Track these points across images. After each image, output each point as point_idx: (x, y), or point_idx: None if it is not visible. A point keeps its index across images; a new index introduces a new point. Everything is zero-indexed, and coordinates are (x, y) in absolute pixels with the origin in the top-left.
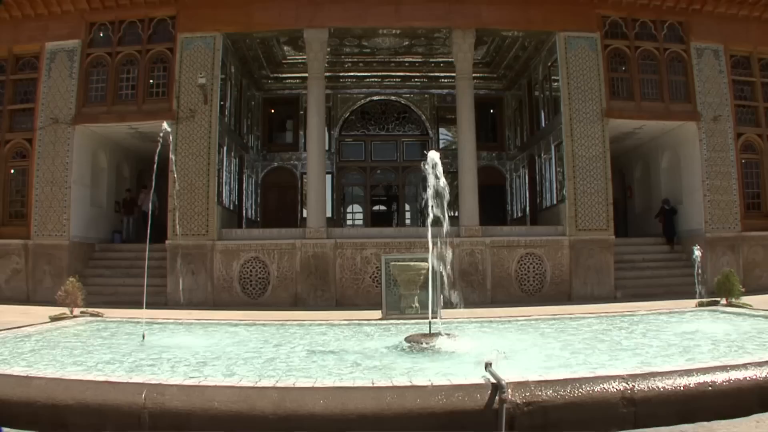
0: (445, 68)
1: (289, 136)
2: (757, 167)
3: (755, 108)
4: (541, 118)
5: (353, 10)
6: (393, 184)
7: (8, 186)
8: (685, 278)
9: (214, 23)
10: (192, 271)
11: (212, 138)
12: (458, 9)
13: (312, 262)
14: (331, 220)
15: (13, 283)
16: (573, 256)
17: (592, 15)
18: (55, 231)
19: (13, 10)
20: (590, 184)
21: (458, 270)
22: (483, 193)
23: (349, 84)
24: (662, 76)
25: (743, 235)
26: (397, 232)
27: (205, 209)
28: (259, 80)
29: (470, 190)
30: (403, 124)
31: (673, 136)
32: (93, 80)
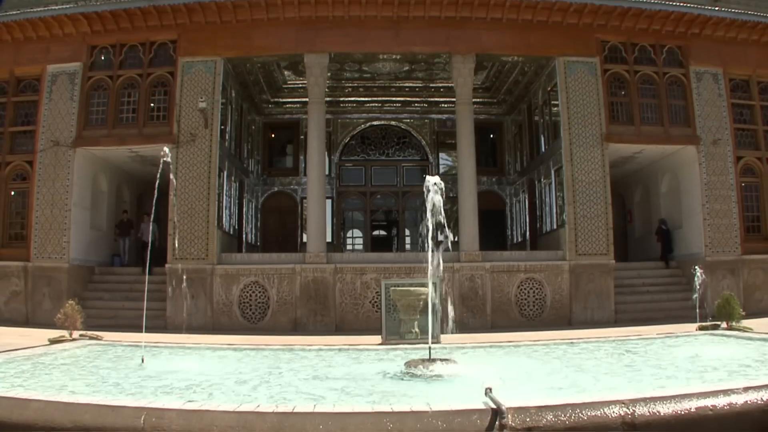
0: (445, 93)
1: (289, 161)
2: (757, 190)
3: (754, 131)
4: (541, 143)
5: (353, 35)
6: (393, 209)
7: (8, 208)
8: (685, 302)
9: (214, 47)
10: (192, 295)
11: (212, 162)
12: (458, 34)
13: (312, 287)
14: (331, 244)
15: (12, 305)
16: (573, 281)
17: (592, 40)
18: (55, 253)
19: (15, 32)
20: (590, 209)
21: (458, 295)
22: (483, 218)
23: (349, 109)
24: (662, 101)
25: (743, 258)
26: (397, 257)
27: (205, 233)
28: (260, 104)
29: (470, 214)
30: (403, 149)
31: (673, 160)
32: (94, 103)
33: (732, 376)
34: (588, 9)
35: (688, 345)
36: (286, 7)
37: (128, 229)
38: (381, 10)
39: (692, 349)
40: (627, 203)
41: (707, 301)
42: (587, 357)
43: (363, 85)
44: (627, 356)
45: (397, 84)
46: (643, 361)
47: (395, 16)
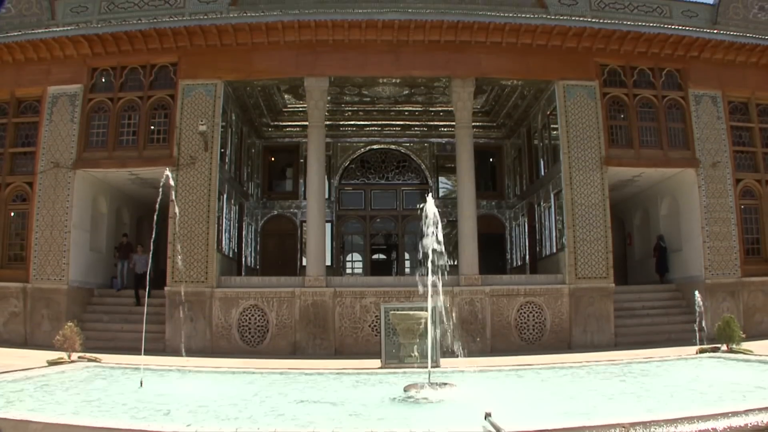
0: (445, 117)
1: (289, 184)
2: (757, 212)
3: (753, 153)
4: (541, 167)
5: (353, 59)
6: (393, 232)
7: (8, 229)
8: (685, 325)
9: (215, 70)
10: (191, 318)
11: (212, 185)
12: (458, 58)
13: (311, 311)
14: (330, 268)
15: (10, 326)
16: (573, 305)
17: (591, 63)
18: (54, 275)
19: (16, 53)
20: (590, 232)
21: (458, 319)
22: (482, 242)
23: (349, 132)
24: (661, 124)
25: (743, 280)
26: (397, 281)
27: (205, 256)
28: (260, 128)
29: (470, 238)
30: (403, 173)
31: (672, 183)
32: (94, 125)
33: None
34: (587, 33)
35: (688, 368)
36: (287, 30)
37: (128, 252)
38: (381, 34)
39: (692, 372)
40: (626, 226)
41: (707, 324)
42: (587, 380)
43: (363, 108)
44: (627, 380)
45: (397, 108)
46: (642, 384)
47: (395, 40)
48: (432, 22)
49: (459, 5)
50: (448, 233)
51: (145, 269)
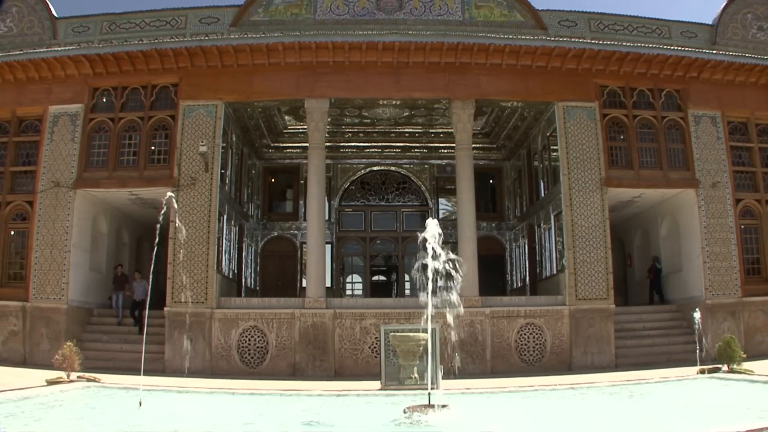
0: (445, 139)
1: (289, 206)
2: (757, 232)
3: (753, 173)
4: (541, 188)
5: (354, 81)
6: (393, 254)
7: (8, 247)
8: (686, 345)
9: (215, 91)
10: (190, 338)
11: (212, 206)
12: (458, 80)
13: (311, 332)
14: (330, 289)
15: (9, 344)
16: (573, 326)
17: (591, 85)
18: (54, 294)
19: (18, 72)
20: (590, 254)
21: (458, 340)
22: (482, 263)
23: (349, 154)
24: (660, 144)
25: (744, 300)
26: (397, 302)
27: (205, 277)
28: (260, 149)
29: (470, 260)
30: (403, 195)
31: (672, 204)
32: (95, 145)
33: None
34: (587, 54)
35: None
36: (287, 52)
37: (123, 283)
38: (381, 56)
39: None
40: (627, 247)
41: (708, 344)
42: (588, 402)
43: (363, 130)
44: (627, 401)
45: (397, 129)
46: (644, 406)
47: (395, 62)
48: (432, 44)
49: (459, 27)
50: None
51: (143, 296)
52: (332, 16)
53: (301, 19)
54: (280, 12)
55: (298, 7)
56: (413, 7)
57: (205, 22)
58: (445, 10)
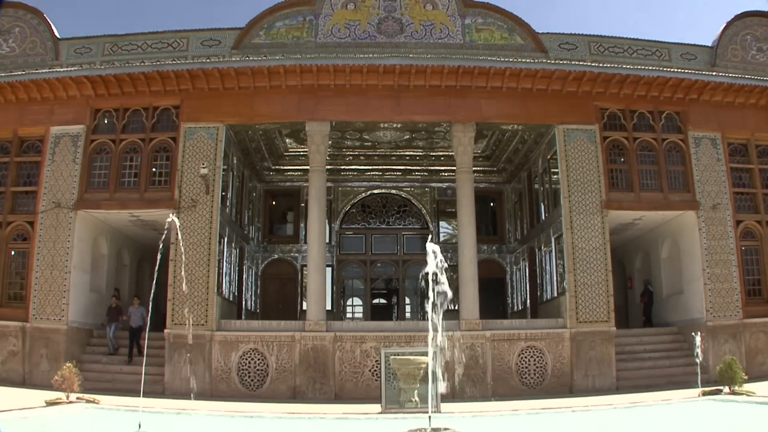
0: (446, 162)
1: (289, 228)
2: (757, 254)
3: (753, 195)
4: (541, 211)
5: (355, 104)
6: (393, 277)
7: (8, 267)
8: (688, 367)
9: (217, 114)
10: (190, 360)
11: (213, 228)
12: (458, 103)
13: (311, 355)
14: (330, 312)
15: (9, 365)
16: (574, 349)
17: (591, 108)
18: (54, 315)
19: (20, 93)
20: (591, 276)
21: (458, 364)
22: (483, 286)
23: (350, 177)
24: (661, 167)
25: (745, 322)
26: (397, 325)
27: (205, 299)
28: (261, 171)
29: (470, 283)
30: (404, 218)
31: (673, 226)
32: (96, 166)
33: None
34: (587, 77)
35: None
36: (288, 75)
37: (117, 315)
38: (382, 79)
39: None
40: (627, 269)
41: (709, 366)
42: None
43: (364, 153)
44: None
45: (398, 152)
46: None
47: (396, 85)
48: (433, 67)
49: (460, 50)
50: (449, 278)
51: (140, 323)
52: (333, 39)
53: (303, 42)
54: (281, 35)
55: (299, 30)
56: (414, 31)
57: (207, 44)
58: (445, 34)
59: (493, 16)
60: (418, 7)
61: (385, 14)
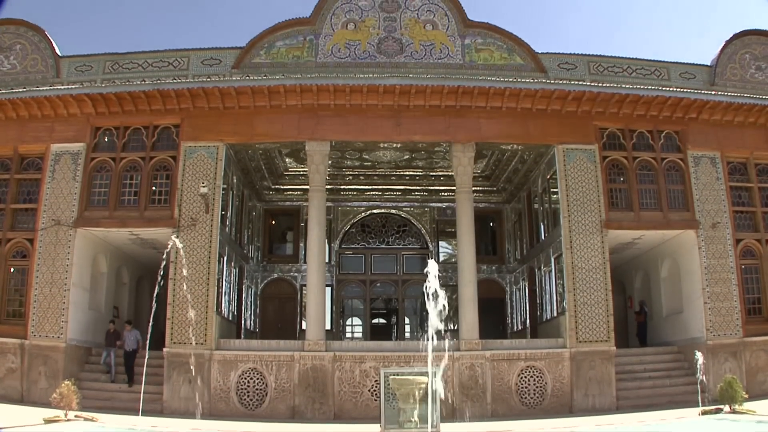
0: (445, 181)
1: (289, 248)
2: (757, 272)
3: (753, 213)
4: (541, 231)
5: (355, 124)
6: (393, 297)
7: (7, 284)
8: (688, 387)
9: (217, 133)
10: (189, 380)
11: (213, 247)
12: (458, 123)
13: (310, 375)
14: (330, 332)
15: (7, 382)
16: (574, 368)
17: (590, 127)
18: (53, 332)
19: (20, 110)
20: (590, 296)
21: (458, 383)
22: (483, 306)
23: (349, 197)
24: (660, 186)
25: (745, 340)
26: (397, 345)
27: (204, 318)
28: (261, 191)
29: (470, 303)
30: (403, 238)
31: (673, 245)
32: (96, 184)
33: None
34: (586, 97)
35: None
36: (289, 94)
37: (114, 340)
38: (382, 98)
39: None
40: (627, 289)
41: (710, 385)
42: None
43: (364, 173)
44: None
45: (398, 172)
46: None
47: (396, 105)
48: (433, 87)
49: (459, 70)
50: (449, 298)
51: (134, 346)
52: (333, 59)
53: (303, 62)
54: (281, 54)
55: (299, 50)
56: (414, 51)
57: (208, 63)
58: (445, 54)
59: (493, 36)
60: (418, 27)
61: (386, 34)
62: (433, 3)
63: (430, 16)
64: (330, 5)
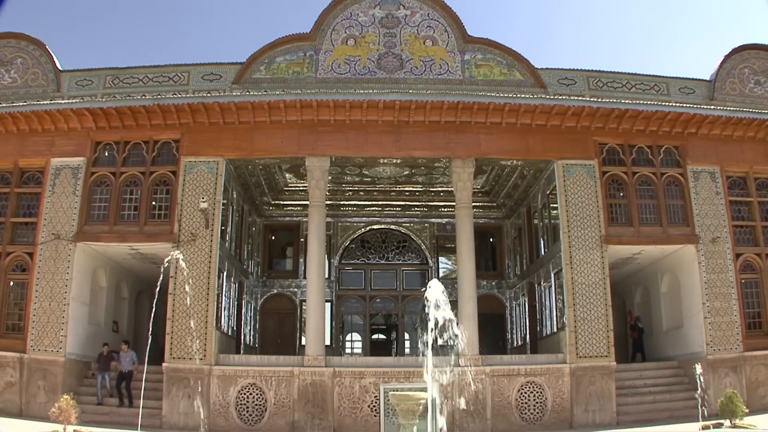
0: (445, 197)
1: (289, 263)
2: (757, 286)
3: (753, 227)
4: (541, 246)
5: (355, 139)
6: (392, 312)
7: (6, 298)
8: (688, 401)
9: (217, 148)
10: (188, 395)
11: (213, 263)
12: (458, 138)
13: (310, 390)
14: (329, 348)
15: (6, 396)
16: (574, 384)
17: (590, 143)
18: (52, 347)
19: (21, 124)
20: (590, 311)
21: (458, 399)
22: (483, 322)
23: (349, 212)
24: (660, 201)
25: (745, 355)
26: (396, 361)
27: (204, 333)
28: (261, 206)
29: (470, 318)
30: (403, 253)
31: (673, 260)
32: (96, 199)
33: None
34: (586, 112)
35: None
36: (289, 110)
37: (108, 363)
38: (382, 114)
39: None
40: (627, 304)
41: (710, 400)
42: None
43: (363, 188)
44: None
45: (398, 188)
46: None
47: (396, 121)
48: (432, 102)
49: (459, 86)
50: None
51: (129, 367)
52: (334, 75)
53: (303, 78)
54: (281, 70)
55: (299, 66)
56: (414, 66)
57: (208, 78)
58: (445, 69)
59: (493, 52)
60: (418, 43)
61: (385, 50)
62: (433, 19)
63: (429, 32)
64: (330, 21)
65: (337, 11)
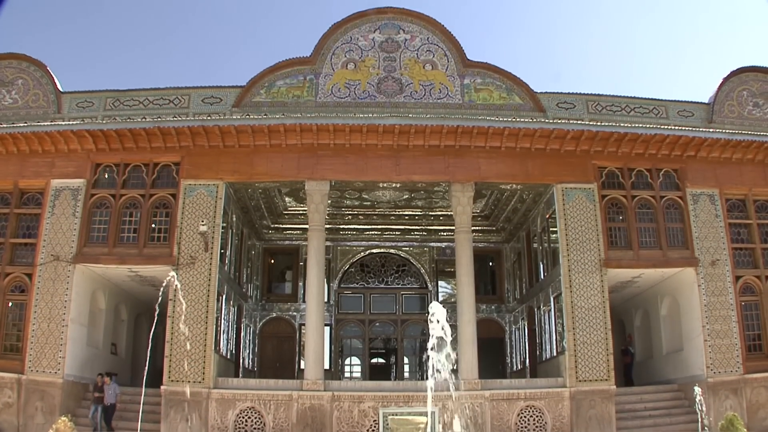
0: (445, 221)
1: (288, 287)
2: (757, 309)
3: (752, 250)
4: (540, 270)
5: (354, 163)
6: (392, 336)
7: (5, 319)
8: (689, 425)
9: (217, 171)
10: (186, 418)
11: (212, 286)
12: (457, 163)
13: (309, 414)
14: (329, 371)
15: (3, 416)
16: (574, 408)
17: (589, 166)
18: (50, 368)
19: (21, 145)
20: (590, 335)
21: (457, 423)
22: (482, 346)
23: (349, 236)
24: (659, 224)
25: (746, 377)
26: (396, 385)
27: (202, 357)
28: (260, 230)
29: (469, 343)
30: (403, 277)
31: (672, 283)
32: (95, 220)
33: None
34: (585, 136)
35: None
36: (289, 133)
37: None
38: (381, 138)
39: None
40: (627, 327)
41: (711, 423)
42: None
43: (363, 212)
44: None
45: (397, 212)
46: None
47: (395, 145)
48: (432, 127)
49: (459, 110)
50: None
51: (112, 401)
52: (333, 99)
53: (303, 101)
54: (282, 93)
55: (299, 89)
56: (413, 91)
57: (208, 101)
58: (444, 93)
59: (492, 76)
60: (417, 68)
61: (385, 74)
62: (433, 43)
63: (429, 56)
64: (330, 45)
65: (337, 35)
